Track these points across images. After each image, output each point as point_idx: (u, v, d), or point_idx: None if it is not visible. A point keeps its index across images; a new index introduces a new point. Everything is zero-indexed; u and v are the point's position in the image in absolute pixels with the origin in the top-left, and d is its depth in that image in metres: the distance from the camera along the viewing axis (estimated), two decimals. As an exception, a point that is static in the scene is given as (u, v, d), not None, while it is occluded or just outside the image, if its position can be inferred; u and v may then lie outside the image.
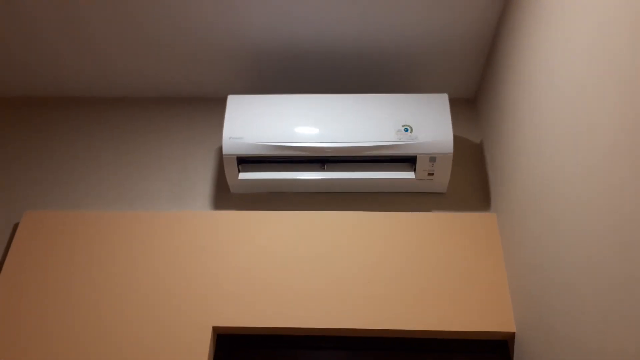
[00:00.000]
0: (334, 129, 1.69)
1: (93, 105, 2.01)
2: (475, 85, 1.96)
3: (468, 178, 1.81)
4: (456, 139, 1.82)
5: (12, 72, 1.94)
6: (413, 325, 1.50)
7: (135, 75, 1.95)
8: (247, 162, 1.73)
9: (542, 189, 1.35)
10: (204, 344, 1.49)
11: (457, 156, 1.79)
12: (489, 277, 1.57)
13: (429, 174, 1.71)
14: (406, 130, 1.67)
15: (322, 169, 1.73)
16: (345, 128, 1.69)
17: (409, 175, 1.71)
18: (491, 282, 1.56)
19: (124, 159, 1.89)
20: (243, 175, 1.72)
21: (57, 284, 1.59)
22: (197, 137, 1.94)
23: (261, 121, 1.71)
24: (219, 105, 1.88)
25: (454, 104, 1.84)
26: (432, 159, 1.67)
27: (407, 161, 1.71)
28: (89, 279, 1.60)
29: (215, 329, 1.53)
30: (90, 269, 1.62)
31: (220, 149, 1.88)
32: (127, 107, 2.01)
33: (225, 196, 1.81)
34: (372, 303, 1.54)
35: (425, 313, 1.51)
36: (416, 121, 1.68)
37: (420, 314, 1.51)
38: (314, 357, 1.56)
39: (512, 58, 1.59)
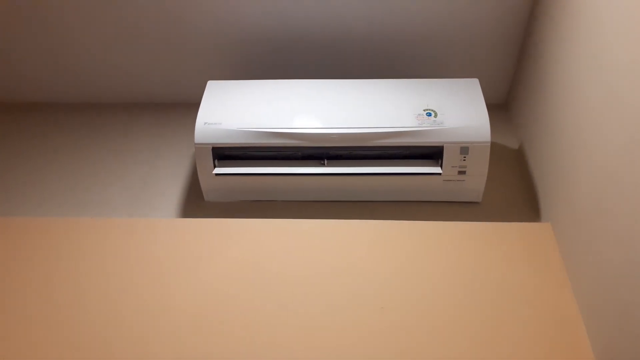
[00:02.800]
0: (337, 114, 1.33)
1: (58, 111, 1.71)
2: (505, 90, 1.65)
3: (506, 188, 1.42)
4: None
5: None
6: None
7: (102, 79, 1.66)
8: (226, 156, 1.35)
9: (608, 191, 0.97)
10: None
11: (491, 164, 1.40)
12: (553, 301, 1.12)
13: (460, 172, 1.32)
14: (429, 115, 1.31)
15: (322, 165, 1.34)
16: (352, 114, 1.33)
17: (434, 170, 1.32)
18: (557, 307, 1.11)
19: (83, 164, 1.53)
20: (219, 170, 1.33)
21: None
22: (169, 144, 1.58)
23: (246, 106, 1.36)
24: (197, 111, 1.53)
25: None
26: (464, 149, 1.29)
27: (431, 156, 1.33)
28: (31, 291, 1.17)
29: (163, 368, 1.06)
30: (33, 281, 1.19)
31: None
32: (93, 113, 1.70)
33: (198, 205, 1.41)
34: (384, 337, 1.08)
35: (469, 350, 1.05)
36: (441, 105, 1.33)
37: (462, 352, 1.05)
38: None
39: (548, 52, 1.32)
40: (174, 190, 1.45)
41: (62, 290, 1.17)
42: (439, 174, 1.31)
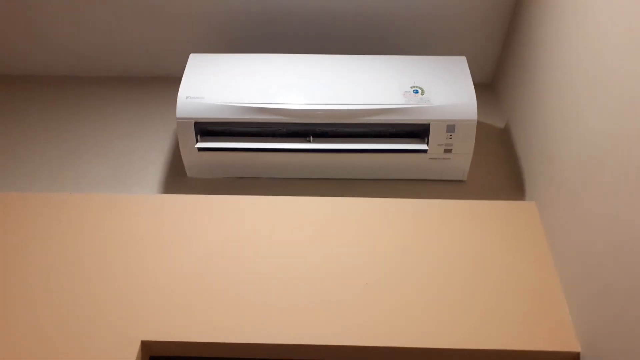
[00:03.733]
0: (322, 91, 1.30)
1: (32, 84, 1.64)
2: (492, 69, 1.64)
3: (491, 167, 1.41)
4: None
5: None
6: (433, 342, 1.03)
7: (80, 51, 1.60)
8: (209, 132, 1.32)
9: (596, 170, 0.97)
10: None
11: (477, 143, 1.39)
12: (536, 280, 1.13)
13: (446, 150, 1.31)
14: (416, 92, 1.29)
15: (307, 141, 1.32)
16: (338, 89, 1.31)
17: (420, 147, 1.30)
18: (539, 285, 1.12)
19: (61, 138, 1.48)
20: (202, 144, 1.31)
21: None
22: (151, 119, 1.54)
23: (229, 80, 1.33)
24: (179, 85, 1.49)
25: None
26: (450, 127, 1.28)
27: (418, 135, 1.32)
28: (7, 268, 1.13)
29: (145, 345, 1.04)
30: (9, 257, 1.16)
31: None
32: (71, 86, 1.65)
33: (181, 181, 1.38)
34: (374, 314, 1.07)
35: (452, 327, 1.05)
36: (428, 83, 1.31)
37: (445, 329, 1.05)
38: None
39: (535, 31, 1.31)
40: (155, 166, 1.42)
41: (39, 267, 1.14)
42: (425, 151, 1.30)
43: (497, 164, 1.42)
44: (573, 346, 1.03)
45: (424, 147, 1.30)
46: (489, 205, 1.27)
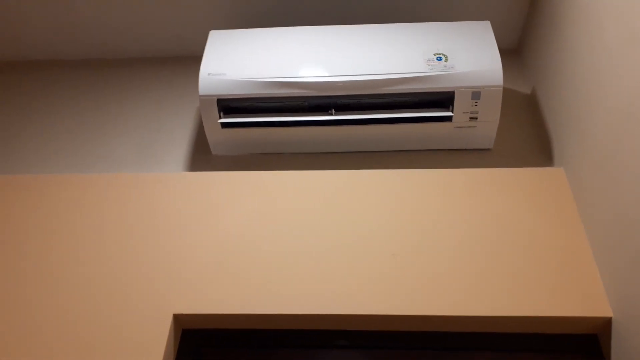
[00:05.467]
0: (344, 62, 1.29)
1: (56, 67, 1.67)
2: (517, 34, 1.59)
3: (517, 134, 1.39)
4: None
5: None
6: (464, 310, 1.03)
7: (101, 34, 1.61)
8: (231, 109, 1.32)
9: (628, 132, 0.95)
10: (161, 339, 1.02)
11: (503, 110, 1.36)
12: (567, 247, 1.11)
13: (471, 118, 1.29)
14: (439, 59, 1.27)
15: (330, 114, 1.31)
16: (360, 60, 1.29)
17: (445, 114, 1.28)
18: (570, 251, 1.11)
19: (86, 119, 1.51)
20: (225, 120, 1.31)
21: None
22: (174, 98, 1.55)
23: (250, 55, 1.32)
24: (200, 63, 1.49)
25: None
26: (476, 94, 1.25)
27: (442, 103, 1.30)
28: (36, 249, 1.17)
29: (177, 318, 1.07)
30: (38, 237, 1.19)
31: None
32: (94, 69, 1.67)
33: (205, 159, 1.39)
34: (403, 283, 1.08)
35: (483, 295, 1.05)
36: (452, 49, 1.29)
37: (475, 297, 1.05)
38: (318, 359, 1.08)
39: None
40: (180, 144, 1.43)
41: (71, 247, 1.18)
42: (450, 118, 1.28)
43: (524, 131, 1.39)
44: (605, 311, 1.02)
45: (449, 115, 1.28)
46: (516, 172, 1.25)
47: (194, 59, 1.46)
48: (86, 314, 1.06)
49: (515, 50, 1.62)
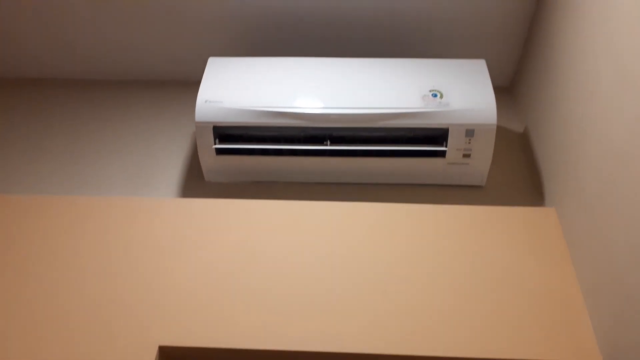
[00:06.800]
0: (341, 95, 1.30)
1: (53, 87, 1.67)
2: (511, 72, 1.62)
3: (510, 172, 1.40)
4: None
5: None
6: (453, 350, 1.02)
7: (101, 55, 1.62)
8: (227, 136, 1.32)
9: (618, 175, 0.96)
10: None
11: (496, 148, 1.38)
12: (557, 289, 1.11)
13: (465, 155, 1.30)
14: (434, 95, 1.29)
15: (325, 144, 1.31)
16: (356, 93, 1.30)
17: (439, 148, 1.29)
18: (560, 294, 1.11)
19: (82, 141, 1.51)
20: (220, 145, 1.31)
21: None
22: (170, 123, 1.55)
23: (248, 84, 1.33)
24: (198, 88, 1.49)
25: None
26: (469, 132, 1.27)
27: (436, 139, 1.31)
28: (17, 273, 1.15)
29: (162, 350, 1.05)
30: (31, 259, 1.17)
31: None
32: (92, 90, 1.67)
33: (198, 185, 1.39)
34: (395, 321, 1.07)
35: (471, 336, 1.04)
36: (447, 87, 1.30)
37: (464, 337, 1.04)
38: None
39: (555, 33, 1.29)
40: (174, 169, 1.43)
41: (59, 270, 1.16)
42: (444, 153, 1.29)
43: (516, 169, 1.40)
44: (595, 357, 1.01)
45: (442, 150, 1.29)
46: (508, 211, 1.25)
47: (192, 84, 1.46)
48: (70, 343, 1.04)
49: (509, 88, 1.64)
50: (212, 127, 1.29)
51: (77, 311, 1.09)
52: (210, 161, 1.34)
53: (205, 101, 1.30)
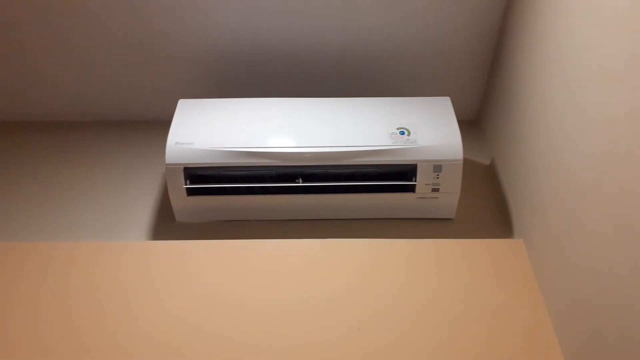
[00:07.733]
0: (311, 134, 1.32)
1: (20, 129, 1.65)
2: (477, 106, 1.67)
3: (478, 204, 1.43)
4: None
5: None
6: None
7: (69, 96, 1.62)
8: (198, 177, 1.32)
9: (580, 208, 0.99)
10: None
11: (464, 181, 1.40)
12: (527, 320, 1.13)
13: (434, 189, 1.32)
14: (402, 133, 1.32)
15: (297, 182, 1.33)
16: (326, 132, 1.32)
17: (409, 183, 1.32)
18: (531, 325, 1.12)
19: (50, 184, 1.48)
20: (191, 185, 1.31)
21: None
22: (140, 164, 1.55)
23: (217, 124, 1.34)
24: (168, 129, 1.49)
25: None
26: (437, 167, 1.29)
27: (405, 175, 1.33)
28: None
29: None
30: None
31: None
32: (60, 131, 1.66)
33: (170, 226, 1.38)
34: (364, 357, 1.07)
35: (443, 369, 1.05)
36: (414, 124, 1.34)
37: (436, 371, 1.05)
38: None
39: (518, 68, 1.34)
40: (144, 211, 1.42)
41: (27, 317, 1.13)
42: (413, 188, 1.31)
43: (485, 202, 1.44)
44: (566, 387, 1.03)
45: (412, 184, 1.31)
46: (477, 244, 1.28)
47: (162, 124, 1.47)
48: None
49: (475, 121, 1.69)
50: (182, 168, 1.29)
51: (45, 358, 1.06)
52: (181, 202, 1.34)
53: (176, 143, 1.30)
